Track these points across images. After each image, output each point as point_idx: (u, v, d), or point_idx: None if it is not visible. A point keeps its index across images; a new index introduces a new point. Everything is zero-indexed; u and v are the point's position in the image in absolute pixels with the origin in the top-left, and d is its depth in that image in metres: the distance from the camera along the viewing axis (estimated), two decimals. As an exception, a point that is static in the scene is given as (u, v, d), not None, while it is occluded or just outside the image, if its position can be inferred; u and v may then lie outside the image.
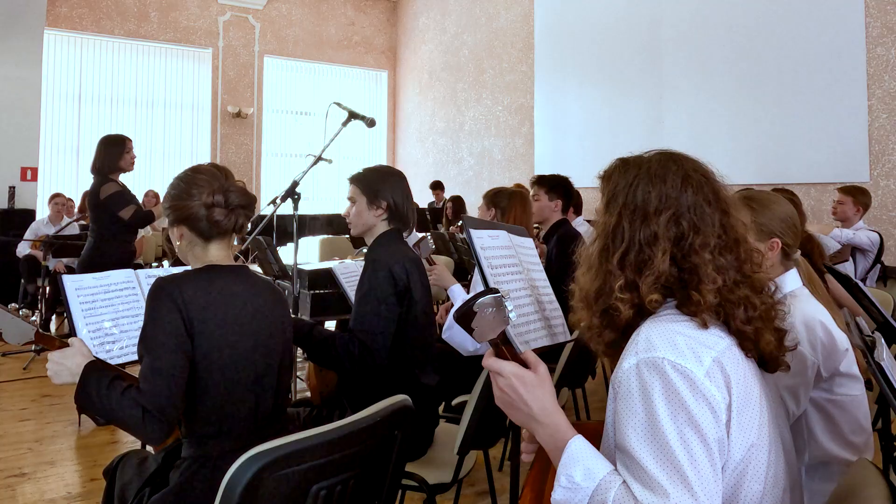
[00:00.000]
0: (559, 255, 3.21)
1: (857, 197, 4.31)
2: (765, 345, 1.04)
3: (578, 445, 0.97)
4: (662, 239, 1.04)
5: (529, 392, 1.02)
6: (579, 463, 0.95)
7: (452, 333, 2.27)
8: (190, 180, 1.57)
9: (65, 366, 1.48)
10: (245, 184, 1.68)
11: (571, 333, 1.81)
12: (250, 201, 1.60)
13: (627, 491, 0.90)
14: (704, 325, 0.99)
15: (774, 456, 1.00)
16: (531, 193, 3.46)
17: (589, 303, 1.10)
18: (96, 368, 1.47)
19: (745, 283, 1.04)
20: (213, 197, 1.55)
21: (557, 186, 3.42)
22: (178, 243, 1.62)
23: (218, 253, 1.60)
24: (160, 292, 1.45)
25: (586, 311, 1.11)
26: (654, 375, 0.94)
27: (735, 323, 1.02)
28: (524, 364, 1.05)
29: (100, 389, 1.40)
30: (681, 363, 0.93)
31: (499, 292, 0.99)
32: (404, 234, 2.25)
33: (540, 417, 1.01)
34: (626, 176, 1.11)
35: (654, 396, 0.93)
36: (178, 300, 1.44)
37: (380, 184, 2.16)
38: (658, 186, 1.07)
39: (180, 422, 1.53)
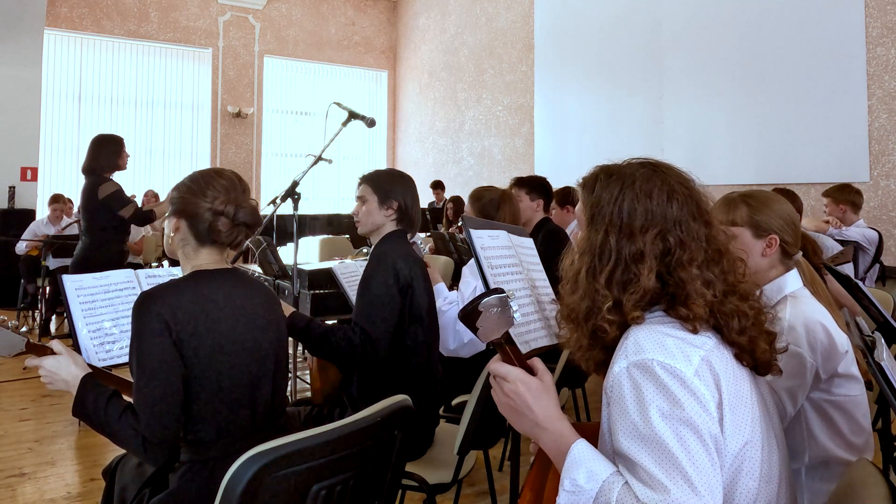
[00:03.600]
0: (546, 251, 3.23)
1: (834, 196, 4.28)
2: (760, 353, 1.05)
3: (581, 449, 0.98)
4: (649, 257, 1.03)
5: (535, 398, 1.02)
6: (582, 466, 0.95)
7: None
8: (209, 180, 1.54)
9: (59, 376, 1.49)
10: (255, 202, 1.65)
11: None
12: (256, 222, 1.58)
13: (630, 491, 0.91)
14: (694, 331, 1.00)
15: (767, 452, 1.01)
16: None
17: (578, 322, 1.09)
18: (93, 384, 1.46)
19: (733, 293, 1.05)
20: (224, 206, 1.51)
21: (538, 187, 3.52)
22: (171, 234, 1.58)
23: (208, 258, 1.57)
24: (144, 309, 1.41)
25: (575, 330, 1.11)
26: (645, 377, 0.94)
27: (731, 335, 1.03)
28: (529, 369, 1.05)
29: (97, 409, 1.41)
30: (670, 363, 0.94)
31: (504, 292, 0.99)
32: (409, 236, 2.27)
33: (545, 424, 1.02)
34: (609, 189, 1.09)
35: (646, 397, 0.93)
36: (165, 315, 1.40)
37: (392, 185, 2.19)
38: (644, 202, 1.06)
39: None
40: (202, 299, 1.48)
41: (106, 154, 3.76)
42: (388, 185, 2.19)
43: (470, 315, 0.98)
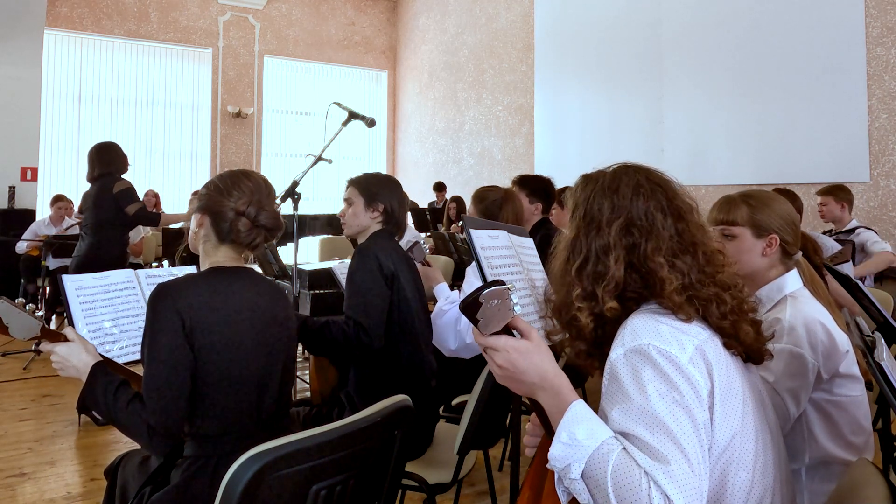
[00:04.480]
0: (544, 254, 3.20)
1: (836, 194, 4.27)
2: (744, 335, 1.07)
3: (583, 407, 0.98)
4: (615, 247, 1.07)
5: (527, 360, 1.00)
6: (583, 422, 0.96)
7: (434, 333, 2.29)
8: (237, 181, 1.60)
9: (70, 363, 1.53)
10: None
11: None
12: (276, 226, 1.63)
13: (629, 457, 0.91)
14: (688, 321, 1.03)
15: (762, 446, 1.02)
16: None
17: (559, 316, 1.14)
18: (103, 371, 1.50)
19: (711, 282, 1.07)
20: (246, 207, 1.57)
21: (538, 190, 3.41)
22: (195, 230, 1.63)
23: (226, 256, 1.61)
24: (160, 300, 1.45)
25: (557, 322, 1.15)
26: (642, 360, 0.97)
27: (712, 320, 1.05)
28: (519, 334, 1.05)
29: (107, 396, 1.45)
30: (665, 349, 0.97)
31: (504, 284, 0.99)
32: (396, 238, 2.28)
33: (540, 382, 1.01)
34: (585, 191, 1.16)
35: (643, 378, 0.96)
36: (179, 307, 1.44)
37: (378, 188, 2.23)
38: (610, 197, 1.11)
39: None
40: (217, 295, 1.51)
41: (117, 158, 3.92)
42: (374, 187, 2.23)
43: (470, 306, 0.98)
